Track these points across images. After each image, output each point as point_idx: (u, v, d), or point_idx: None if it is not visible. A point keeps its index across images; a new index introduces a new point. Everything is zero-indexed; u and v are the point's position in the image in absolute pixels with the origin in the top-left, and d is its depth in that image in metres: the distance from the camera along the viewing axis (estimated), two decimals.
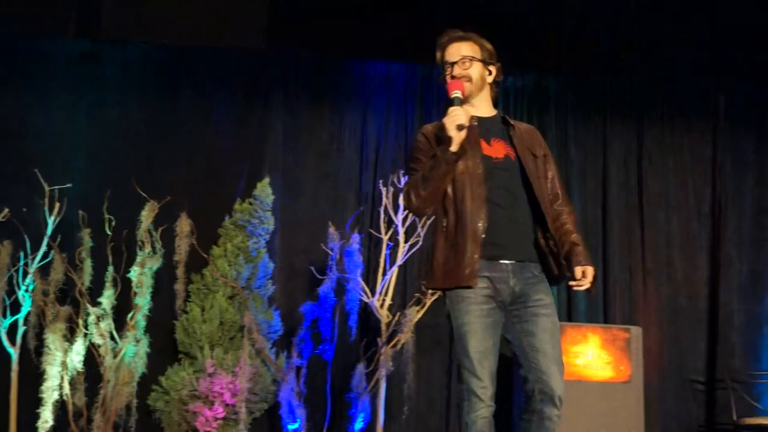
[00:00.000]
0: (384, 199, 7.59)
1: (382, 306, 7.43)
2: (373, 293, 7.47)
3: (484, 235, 3.70)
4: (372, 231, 7.83)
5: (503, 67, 4.04)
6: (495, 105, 4.08)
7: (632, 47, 8.04)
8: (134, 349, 7.12)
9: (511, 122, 3.98)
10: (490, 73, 4.00)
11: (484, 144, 3.86)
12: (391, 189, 7.59)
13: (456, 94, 3.79)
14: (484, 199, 3.74)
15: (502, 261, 3.75)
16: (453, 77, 3.92)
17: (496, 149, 3.87)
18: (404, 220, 7.54)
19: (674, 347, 8.37)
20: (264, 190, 7.67)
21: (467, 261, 3.69)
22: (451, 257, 3.76)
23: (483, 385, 3.65)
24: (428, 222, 7.53)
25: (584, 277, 3.82)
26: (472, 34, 4.02)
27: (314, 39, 7.99)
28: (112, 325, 7.19)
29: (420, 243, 7.55)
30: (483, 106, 3.99)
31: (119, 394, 7.02)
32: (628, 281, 8.39)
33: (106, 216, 7.35)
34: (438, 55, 4.01)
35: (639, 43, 7.99)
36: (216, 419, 7.06)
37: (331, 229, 7.48)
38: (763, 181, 8.68)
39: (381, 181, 7.76)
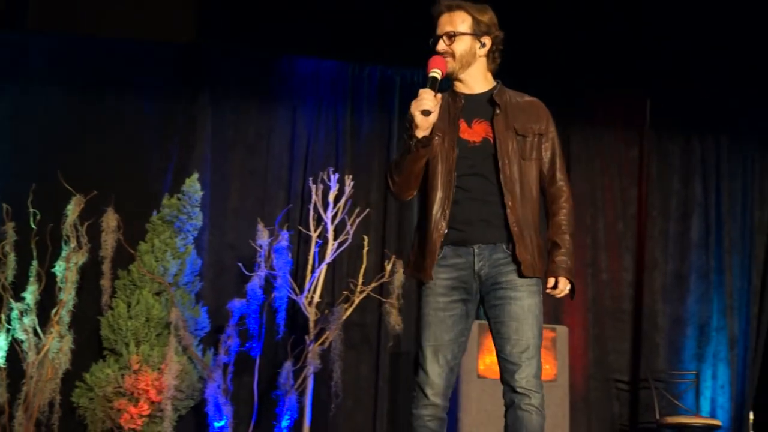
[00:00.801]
0: (313, 197, 7.58)
1: (310, 303, 7.42)
2: (301, 290, 7.46)
3: (446, 230, 3.58)
4: (301, 228, 7.81)
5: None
6: (495, 77, 3.85)
7: (561, 49, 8.11)
8: (58, 345, 7.01)
9: (499, 101, 3.72)
10: (483, 45, 3.75)
11: (463, 126, 3.68)
12: (321, 186, 7.59)
13: (433, 72, 3.54)
14: (453, 186, 3.60)
15: (468, 245, 3.60)
16: (436, 53, 3.71)
17: (476, 132, 3.68)
18: (333, 217, 7.54)
19: (599, 347, 8.49)
20: (192, 185, 7.61)
21: (427, 255, 3.60)
22: (418, 248, 3.69)
23: (429, 381, 3.57)
24: (357, 220, 7.56)
25: (556, 287, 3.65)
26: (466, 2, 3.79)
27: (244, 35, 7.95)
28: (36, 321, 7.07)
29: (349, 241, 7.55)
30: (474, 82, 3.77)
31: (42, 391, 6.91)
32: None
33: (31, 210, 7.24)
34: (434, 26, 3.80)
35: (568, 45, 8.06)
36: (141, 416, 7.00)
37: (260, 226, 7.44)
38: (688, 184, 8.83)
39: (311, 179, 7.75)
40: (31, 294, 7.10)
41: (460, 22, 3.73)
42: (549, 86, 8.50)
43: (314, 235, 7.55)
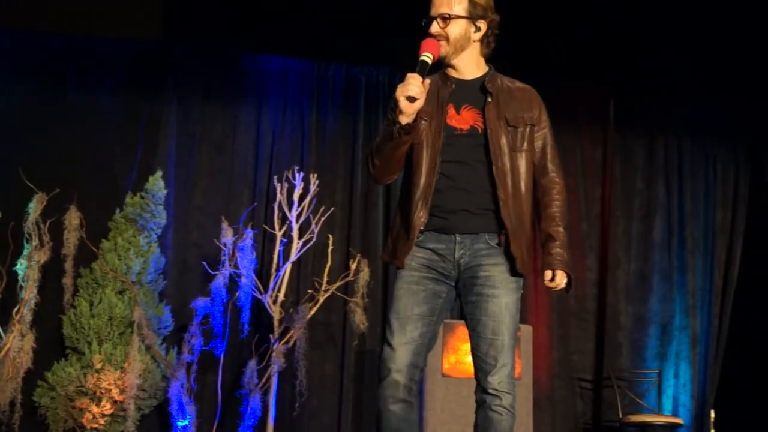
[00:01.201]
0: (278, 195, 7.56)
1: (275, 302, 7.40)
2: (266, 289, 7.44)
3: (428, 217, 3.48)
4: (266, 227, 7.79)
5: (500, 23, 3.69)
6: (488, 62, 3.74)
7: (524, 48, 8.13)
8: (20, 344, 6.94)
9: (491, 89, 3.61)
10: (479, 29, 3.62)
11: (452, 112, 3.57)
12: (286, 185, 7.57)
13: (425, 56, 3.41)
14: (437, 173, 3.49)
15: (449, 233, 3.51)
16: (429, 35, 3.56)
17: (464, 119, 3.57)
18: (298, 216, 7.52)
19: (563, 346, 8.53)
20: (156, 183, 7.56)
21: (405, 241, 3.51)
22: (397, 234, 3.60)
23: (393, 356, 3.43)
24: (322, 219, 7.55)
25: (553, 280, 3.57)
26: None
27: (210, 32, 7.92)
28: None
29: (314, 240, 7.54)
30: (466, 67, 3.65)
31: (3, 390, 6.83)
32: None
33: None
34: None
35: (531, 43, 8.08)
36: (103, 416, 6.95)
37: (225, 224, 7.41)
38: (651, 185, 8.89)
39: (276, 177, 7.73)
40: None
41: (456, 3, 3.59)
42: None
43: (279, 234, 7.53)
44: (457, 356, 7.01)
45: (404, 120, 3.33)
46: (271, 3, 7.76)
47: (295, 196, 7.54)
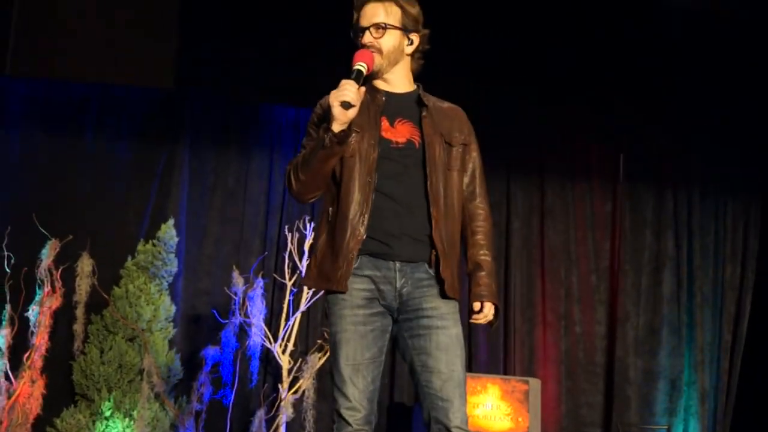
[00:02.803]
0: (289, 245, 7.60)
1: (284, 352, 7.41)
2: (275, 339, 7.45)
3: (365, 236, 3.23)
4: (276, 276, 7.82)
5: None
6: (416, 79, 3.55)
7: (536, 102, 8.20)
8: (30, 390, 6.96)
9: (427, 102, 3.44)
10: (411, 43, 3.45)
11: (385, 125, 3.36)
12: (297, 234, 7.60)
13: (359, 66, 3.24)
14: (373, 189, 3.26)
15: (388, 260, 3.27)
16: (362, 46, 3.38)
17: (399, 132, 3.36)
18: None
19: (572, 399, 8.49)
20: (168, 231, 7.61)
21: (341, 263, 3.23)
22: (327, 256, 3.29)
23: (350, 405, 3.20)
24: None
25: (481, 311, 3.35)
26: None
27: (223, 82, 7.98)
28: (8, 365, 7.02)
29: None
30: (397, 81, 3.47)
31: None
32: (527, 333, 8.51)
33: (6, 253, 7.21)
34: (354, 15, 3.47)
35: (543, 98, 8.16)
36: None
37: (235, 273, 7.44)
38: (661, 238, 8.90)
39: (287, 226, 7.77)
40: (3, 338, 7.05)
41: (390, 13, 3.41)
42: (524, 140, 8.66)
43: (289, 284, 7.55)
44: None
45: (337, 128, 3.15)
46: (284, 54, 7.83)
47: (306, 246, 7.56)
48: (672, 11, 7.35)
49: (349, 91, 3.12)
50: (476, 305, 3.37)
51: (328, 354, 7.40)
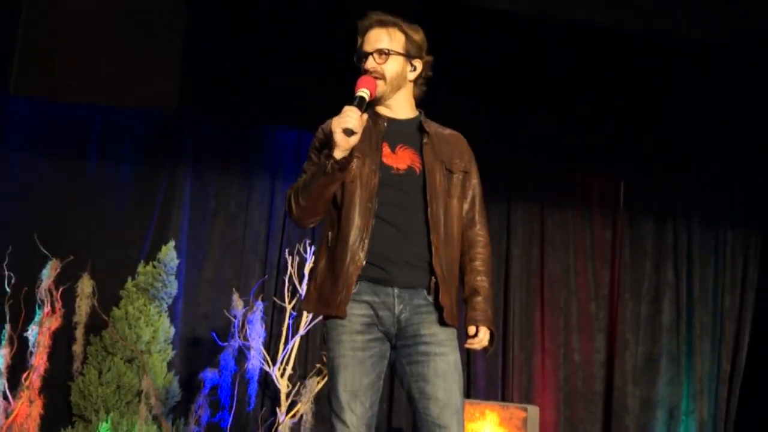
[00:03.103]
0: (289, 268, 7.61)
1: (282, 375, 7.41)
2: (274, 362, 7.45)
3: (365, 261, 3.24)
4: (276, 299, 7.83)
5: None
6: (419, 105, 3.57)
7: (536, 132, 8.23)
8: (28, 410, 6.95)
9: (428, 129, 3.46)
10: (414, 69, 3.47)
11: (386, 151, 3.38)
12: (297, 258, 7.62)
13: (362, 92, 3.26)
14: (373, 215, 3.27)
15: (386, 286, 3.27)
16: (365, 71, 3.40)
17: (400, 158, 3.38)
18: None
19: (570, 428, 8.48)
20: (169, 253, 7.61)
21: (341, 288, 3.23)
22: (327, 280, 3.29)
23: (348, 431, 3.21)
24: None
25: (476, 336, 3.35)
26: (399, 20, 3.47)
27: (226, 104, 8.00)
28: (6, 385, 7.02)
29: None
30: (399, 107, 3.48)
31: None
32: (526, 361, 8.50)
33: (6, 273, 7.22)
34: (358, 40, 3.49)
35: (543, 127, 8.19)
36: None
37: (235, 296, 7.45)
38: (660, 267, 8.91)
39: (287, 250, 7.79)
40: (2, 358, 7.06)
41: (393, 39, 3.44)
42: (524, 168, 8.69)
43: (288, 307, 7.56)
44: None
45: (339, 154, 3.15)
46: (287, 77, 7.86)
47: (306, 270, 7.57)
48: (676, 42, 7.38)
49: (351, 118, 3.13)
50: (471, 329, 3.37)
51: (326, 378, 7.42)
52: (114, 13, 7.22)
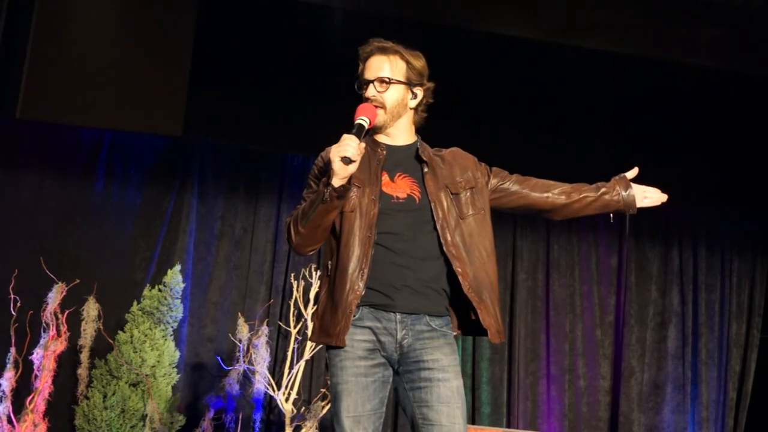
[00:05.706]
0: (294, 293, 7.61)
1: (287, 400, 7.40)
2: (279, 386, 7.44)
3: (363, 291, 3.21)
4: (281, 324, 7.83)
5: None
6: (419, 132, 3.54)
7: (541, 156, 8.25)
8: None
9: (425, 157, 3.42)
10: (415, 96, 3.44)
11: (386, 179, 3.35)
12: (302, 282, 7.62)
13: (361, 120, 3.24)
14: (373, 244, 3.24)
15: (389, 311, 3.25)
16: (366, 99, 3.39)
17: (400, 187, 3.35)
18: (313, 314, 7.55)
19: None
20: (174, 277, 7.62)
21: (340, 317, 3.22)
22: (327, 310, 3.28)
23: None
24: None
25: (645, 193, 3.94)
26: (400, 47, 3.43)
27: (232, 130, 8.03)
28: (11, 408, 7.02)
29: None
30: (399, 134, 3.46)
31: None
32: (531, 386, 8.49)
33: (12, 296, 7.24)
34: (359, 66, 3.47)
35: (550, 152, 8.21)
36: None
37: (240, 321, 7.46)
38: (666, 294, 8.90)
39: (293, 274, 7.79)
40: (7, 381, 7.06)
41: (394, 67, 3.41)
42: None
43: (294, 332, 7.56)
44: None
45: (337, 183, 3.13)
46: (292, 102, 7.89)
47: (311, 294, 7.58)
48: (676, 68, 7.40)
49: (349, 146, 3.10)
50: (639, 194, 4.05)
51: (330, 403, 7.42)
52: (123, 41, 7.27)
